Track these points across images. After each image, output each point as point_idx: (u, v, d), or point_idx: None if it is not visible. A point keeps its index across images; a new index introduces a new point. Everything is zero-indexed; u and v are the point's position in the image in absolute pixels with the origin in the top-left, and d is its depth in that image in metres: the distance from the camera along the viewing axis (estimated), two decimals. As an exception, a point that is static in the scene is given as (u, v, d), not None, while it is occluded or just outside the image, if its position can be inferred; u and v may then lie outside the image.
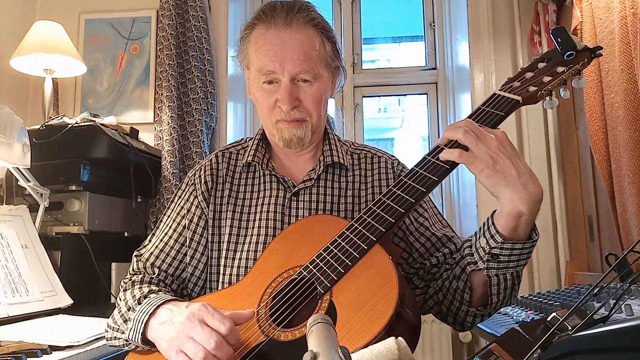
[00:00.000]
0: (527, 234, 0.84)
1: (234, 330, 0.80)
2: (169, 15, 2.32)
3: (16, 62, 2.10)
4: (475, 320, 0.97)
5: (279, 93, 0.99)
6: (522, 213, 0.81)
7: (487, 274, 0.88)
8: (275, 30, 0.99)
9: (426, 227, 1.05)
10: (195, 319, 0.81)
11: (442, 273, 0.99)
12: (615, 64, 1.66)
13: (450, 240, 1.04)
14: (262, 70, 1.00)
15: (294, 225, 1.00)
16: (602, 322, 0.59)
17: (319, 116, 1.04)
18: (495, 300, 0.91)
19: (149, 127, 2.34)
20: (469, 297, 0.93)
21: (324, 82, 1.03)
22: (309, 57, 0.98)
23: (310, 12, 1.02)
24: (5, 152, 1.51)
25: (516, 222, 0.82)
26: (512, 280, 0.89)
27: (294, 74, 0.98)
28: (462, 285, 0.93)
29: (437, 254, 1.03)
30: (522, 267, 0.89)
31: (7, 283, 1.43)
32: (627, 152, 1.59)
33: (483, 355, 0.62)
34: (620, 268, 0.98)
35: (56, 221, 1.81)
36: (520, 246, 0.84)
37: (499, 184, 0.80)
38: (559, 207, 2.19)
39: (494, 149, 0.80)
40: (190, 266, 1.05)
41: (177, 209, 1.10)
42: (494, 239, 0.84)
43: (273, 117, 1.02)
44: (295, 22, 0.99)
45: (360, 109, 2.69)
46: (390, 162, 1.12)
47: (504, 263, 0.86)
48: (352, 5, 2.75)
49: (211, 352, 0.77)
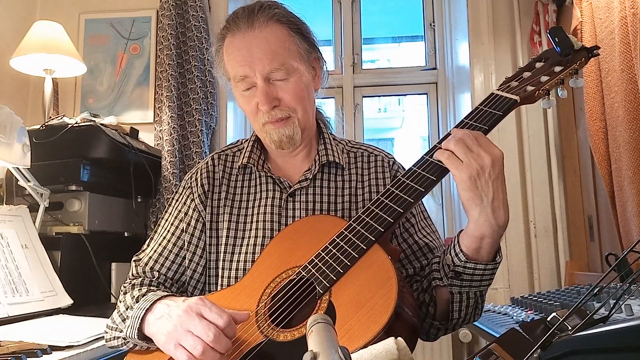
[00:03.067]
0: (491, 256, 0.86)
1: (231, 323, 0.80)
2: (169, 15, 2.32)
3: (16, 62, 2.10)
4: (439, 333, 0.98)
5: (256, 96, 0.99)
6: (485, 235, 0.83)
7: (450, 290, 0.90)
8: (240, 35, 0.99)
9: (410, 234, 1.05)
10: (192, 312, 0.81)
11: (413, 284, 1.00)
12: (615, 64, 1.66)
13: (431, 251, 1.04)
14: (236, 77, 1.00)
15: (292, 225, 1.00)
16: (602, 322, 0.59)
17: (304, 110, 1.02)
18: (457, 316, 0.92)
19: (149, 127, 2.34)
20: (433, 311, 0.94)
21: (301, 76, 1.01)
22: (276, 53, 0.97)
23: (273, 9, 1.00)
24: (5, 152, 1.51)
25: (479, 243, 0.84)
26: (475, 299, 0.91)
27: (266, 73, 0.97)
28: (427, 298, 0.95)
29: (415, 264, 1.03)
30: (485, 288, 0.91)
31: (7, 283, 1.43)
32: (627, 152, 1.59)
33: (483, 355, 0.62)
34: (620, 268, 0.98)
35: (56, 221, 1.81)
36: (482, 267, 0.86)
37: (473, 201, 0.82)
38: (559, 207, 2.19)
39: (484, 165, 0.81)
40: (189, 269, 1.05)
41: (174, 212, 1.10)
42: (458, 257, 0.86)
43: (259, 121, 1.02)
44: (257, 22, 0.98)
45: (360, 109, 2.69)
46: (386, 160, 1.12)
47: (467, 282, 0.88)
48: (352, 5, 2.75)
49: (209, 345, 0.77)
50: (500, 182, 0.82)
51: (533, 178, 2.24)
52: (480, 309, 0.95)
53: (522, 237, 2.23)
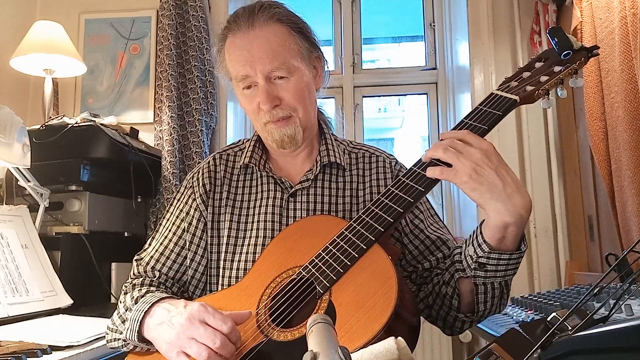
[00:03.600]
0: (515, 245, 0.84)
1: (235, 329, 0.81)
2: (169, 15, 2.32)
3: (16, 62, 2.10)
4: (464, 326, 0.97)
5: (258, 95, 0.99)
6: (508, 224, 0.80)
7: (474, 282, 0.88)
8: (240, 35, 0.99)
9: (421, 230, 1.05)
10: (195, 320, 0.81)
11: (433, 277, 0.99)
12: (615, 64, 1.66)
13: (445, 244, 1.04)
14: (237, 77, 1.00)
15: (293, 225, 1.00)
16: (602, 322, 0.59)
17: (305, 110, 1.02)
18: (482, 308, 0.91)
19: (149, 127, 2.35)
20: (457, 304, 0.93)
21: (303, 75, 1.01)
22: (277, 53, 0.97)
23: (273, 9, 1.00)
24: (5, 152, 1.51)
25: (502, 233, 0.82)
26: (500, 289, 0.90)
27: (267, 73, 0.97)
28: (450, 291, 0.93)
29: (431, 258, 1.03)
30: (510, 277, 0.89)
31: (7, 283, 1.43)
32: (627, 152, 1.59)
33: (483, 355, 0.62)
34: (620, 268, 0.98)
35: (56, 221, 1.81)
36: (507, 257, 0.84)
37: (485, 196, 0.80)
38: (559, 207, 2.19)
39: (478, 161, 0.80)
40: (190, 269, 1.05)
41: (176, 212, 1.10)
42: (481, 248, 0.84)
43: (260, 121, 1.02)
44: (258, 22, 0.98)
45: (360, 109, 2.69)
46: (388, 161, 1.12)
47: (491, 272, 0.86)
48: (352, 5, 2.75)
49: (216, 351, 0.78)
50: (504, 169, 0.80)
51: (533, 178, 2.24)
52: (506, 298, 0.93)
53: (522, 237, 2.23)
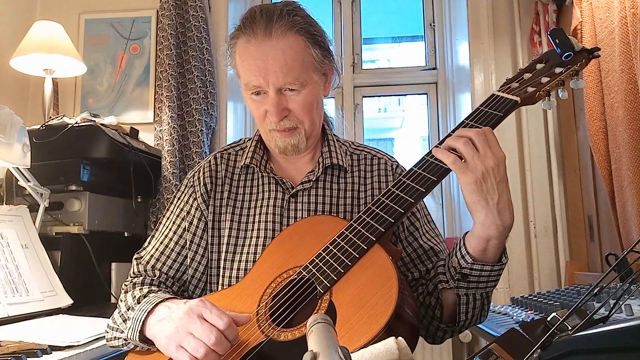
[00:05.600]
0: (497, 257, 0.87)
1: (232, 326, 0.81)
2: (169, 15, 2.32)
3: (16, 62, 2.10)
4: (445, 335, 0.99)
5: (267, 104, 0.98)
6: (491, 237, 0.83)
7: (457, 292, 0.90)
8: (255, 43, 0.96)
9: (415, 238, 1.06)
10: (193, 314, 0.81)
11: (418, 287, 1.00)
12: (615, 64, 1.66)
13: (436, 255, 1.05)
14: (248, 85, 0.99)
15: (294, 225, 1.00)
16: (602, 322, 0.59)
17: (311, 121, 1.02)
18: (464, 318, 0.93)
19: (149, 127, 2.34)
20: (439, 314, 0.95)
21: (314, 87, 1.00)
22: (292, 67, 0.95)
23: (292, 17, 0.97)
24: (5, 152, 1.51)
25: (485, 245, 0.84)
26: (482, 300, 0.92)
27: (279, 86, 0.96)
28: (434, 301, 0.95)
29: (421, 267, 1.04)
30: (491, 289, 0.91)
31: (7, 283, 1.43)
32: (627, 152, 1.59)
33: (483, 355, 0.62)
34: (620, 268, 0.98)
35: (56, 221, 1.81)
36: (489, 268, 0.86)
37: (479, 203, 0.82)
38: (559, 207, 2.19)
39: (489, 169, 0.81)
40: (190, 268, 1.05)
41: (176, 211, 1.09)
42: (465, 259, 0.87)
43: (266, 127, 1.02)
44: (275, 32, 0.95)
45: (360, 109, 2.69)
46: (389, 163, 1.12)
47: (473, 283, 0.88)
48: (352, 5, 2.75)
49: (210, 347, 0.78)
50: (504, 183, 0.82)
51: (533, 178, 2.24)
52: (486, 310, 0.95)
53: (522, 237, 2.23)
